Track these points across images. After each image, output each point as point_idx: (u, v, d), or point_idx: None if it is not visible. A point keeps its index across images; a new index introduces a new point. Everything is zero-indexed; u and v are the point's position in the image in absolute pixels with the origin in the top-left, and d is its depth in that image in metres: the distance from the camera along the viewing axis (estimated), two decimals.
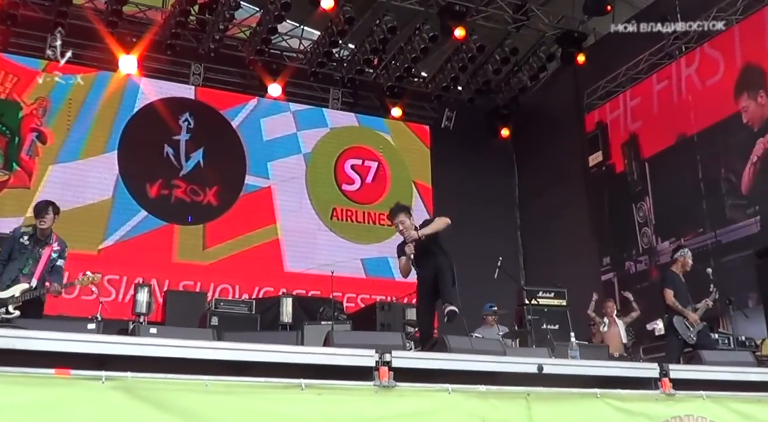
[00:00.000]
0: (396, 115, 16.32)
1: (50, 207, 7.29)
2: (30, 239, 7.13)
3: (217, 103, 15.00)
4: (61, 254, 7.24)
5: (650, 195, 14.01)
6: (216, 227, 14.18)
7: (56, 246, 7.21)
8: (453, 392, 4.99)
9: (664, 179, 13.78)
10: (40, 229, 7.14)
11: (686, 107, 13.46)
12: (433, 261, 7.16)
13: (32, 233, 7.16)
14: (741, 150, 12.36)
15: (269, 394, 4.46)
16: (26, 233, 7.18)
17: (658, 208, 13.84)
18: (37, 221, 7.16)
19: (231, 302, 11.07)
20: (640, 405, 5.63)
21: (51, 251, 7.12)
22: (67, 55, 12.94)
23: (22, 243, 7.08)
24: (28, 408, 3.88)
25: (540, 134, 16.50)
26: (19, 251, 7.05)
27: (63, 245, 7.34)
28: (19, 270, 6.95)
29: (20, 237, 7.13)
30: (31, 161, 13.17)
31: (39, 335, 4.21)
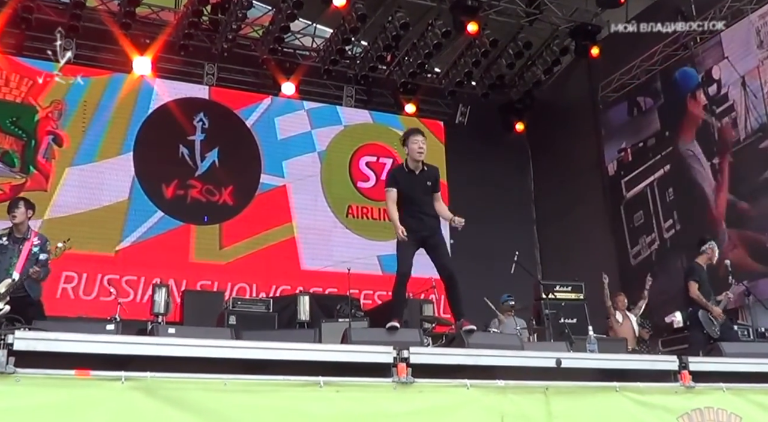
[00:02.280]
0: (410, 111, 16.31)
1: (21, 202, 7.41)
2: (8, 239, 7.18)
3: (231, 102, 15.03)
4: (42, 247, 7.24)
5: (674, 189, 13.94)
6: (232, 226, 14.22)
7: (36, 240, 7.24)
8: (471, 387, 5.00)
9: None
10: (15, 225, 7.20)
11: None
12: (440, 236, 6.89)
13: (9, 233, 7.23)
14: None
15: (288, 392, 4.49)
16: (3, 234, 7.24)
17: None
18: (9, 216, 7.23)
19: (248, 301, 11.10)
20: (660, 397, 5.63)
21: (31, 245, 7.16)
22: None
23: (2, 245, 7.14)
24: (49, 409, 3.92)
25: (555, 128, 16.44)
26: (2, 253, 7.10)
27: (43, 238, 7.37)
28: (5, 271, 6.97)
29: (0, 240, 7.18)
30: (48, 163, 13.24)
31: (59, 336, 4.26)
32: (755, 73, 12.51)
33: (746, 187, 12.47)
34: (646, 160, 14.55)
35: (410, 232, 6.68)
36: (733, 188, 12.74)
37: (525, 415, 5.11)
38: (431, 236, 6.75)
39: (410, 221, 6.75)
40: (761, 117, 12.32)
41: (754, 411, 5.81)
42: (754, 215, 12.25)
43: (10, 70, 13.32)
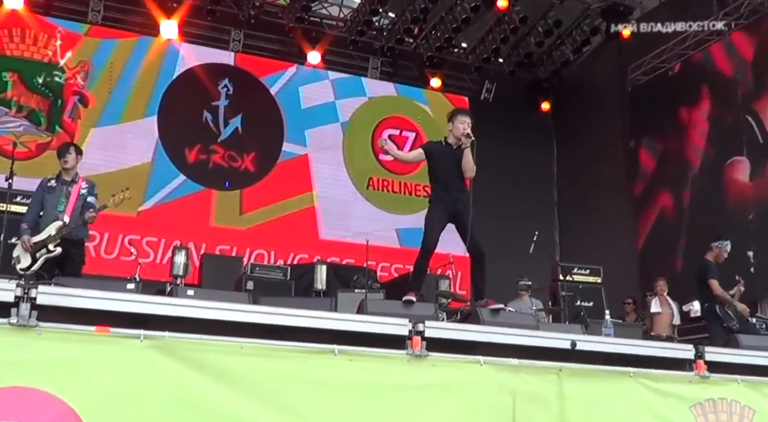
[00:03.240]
0: (435, 85, 16.24)
1: (72, 147, 7.48)
2: (57, 181, 7.24)
3: (256, 69, 15.03)
4: (90, 190, 7.31)
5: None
6: (253, 193, 14.27)
7: (84, 184, 7.31)
8: (485, 364, 5.02)
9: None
10: (65, 169, 7.25)
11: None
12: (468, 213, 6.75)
13: (58, 176, 7.28)
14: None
15: (303, 358, 4.53)
16: (52, 178, 7.28)
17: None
18: (61, 161, 7.27)
19: (266, 268, 11.15)
20: (674, 386, 5.62)
21: (80, 189, 7.22)
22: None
23: (50, 187, 7.19)
24: (69, 362, 3.98)
25: (581, 109, 16.30)
26: (50, 193, 7.15)
27: (91, 183, 7.43)
28: (55, 209, 7.05)
29: (47, 183, 7.24)
30: (73, 123, 13.33)
31: (81, 293, 4.31)
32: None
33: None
34: None
35: (441, 205, 6.73)
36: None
37: (537, 395, 5.12)
38: (462, 211, 6.70)
39: (442, 195, 6.80)
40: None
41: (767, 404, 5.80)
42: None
43: (38, 29, 13.37)
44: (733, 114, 13.11)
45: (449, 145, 6.95)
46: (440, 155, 6.93)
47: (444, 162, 6.88)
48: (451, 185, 6.81)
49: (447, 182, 6.83)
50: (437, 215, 6.73)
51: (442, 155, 6.91)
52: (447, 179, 6.83)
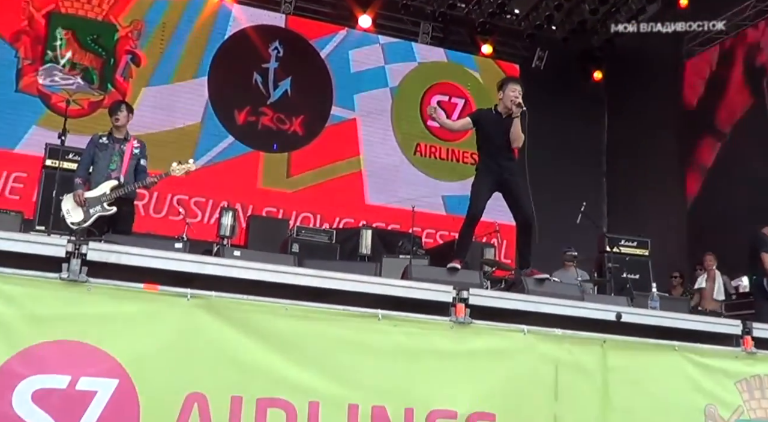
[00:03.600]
0: (486, 52, 16.06)
1: (123, 105, 7.49)
2: (108, 139, 7.26)
3: (307, 32, 15.00)
4: (142, 152, 7.33)
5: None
6: (300, 156, 14.33)
7: (136, 143, 7.33)
8: (528, 333, 5.00)
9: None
10: (116, 127, 7.28)
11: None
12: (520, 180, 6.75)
13: (109, 134, 7.31)
14: None
15: (346, 322, 4.55)
16: (103, 135, 7.31)
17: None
18: (112, 118, 7.30)
19: (312, 231, 11.19)
20: (719, 361, 5.55)
21: (132, 147, 7.24)
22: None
23: (102, 143, 7.21)
24: (117, 318, 4.05)
25: (634, 79, 16.00)
26: (102, 151, 7.18)
27: (143, 143, 7.45)
28: (107, 167, 7.10)
29: (99, 139, 7.26)
30: (125, 82, 13.47)
31: (130, 250, 4.37)
32: None
33: None
34: None
35: (488, 174, 6.70)
36: None
37: (580, 365, 5.10)
38: (510, 179, 6.69)
39: (489, 162, 6.77)
40: None
41: None
42: None
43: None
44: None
45: (499, 113, 6.89)
46: (489, 123, 6.87)
47: (493, 130, 6.82)
48: (499, 153, 6.76)
49: (495, 150, 6.78)
50: (484, 184, 6.71)
51: (491, 124, 6.85)
52: (495, 148, 6.78)
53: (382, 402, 4.53)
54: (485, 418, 4.78)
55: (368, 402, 4.50)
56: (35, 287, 3.94)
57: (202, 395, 4.12)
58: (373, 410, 4.49)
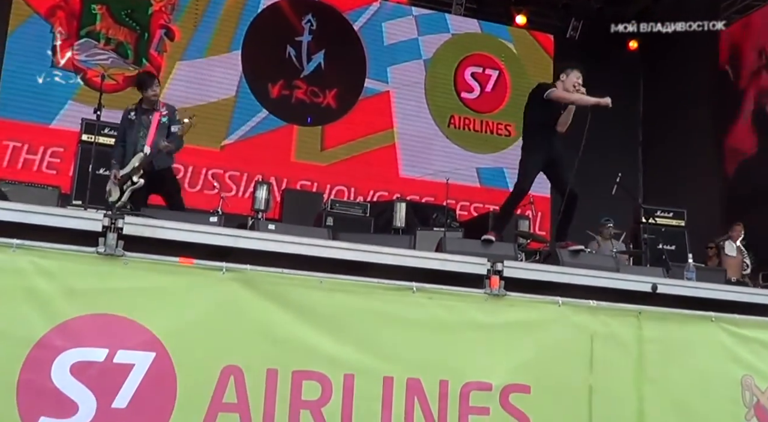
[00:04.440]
0: (520, 23, 15.86)
1: (156, 79, 7.49)
2: (136, 113, 7.25)
3: (340, 4, 14.92)
4: (171, 118, 7.26)
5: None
6: (334, 129, 14.32)
7: (164, 111, 7.27)
8: (563, 305, 5.00)
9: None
10: (146, 98, 7.27)
11: None
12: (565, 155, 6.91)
13: (137, 107, 7.30)
14: None
15: (381, 295, 4.57)
16: (131, 109, 7.31)
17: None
18: (148, 92, 7.25)
19: (346, 204, 11.22)
20: (756, 331, 5.52)
21: (160, 116, 7.20)
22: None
23: (130, 119, 7.22)
24: (153, 292, 4.10)
25: (671, 49, 15.73)
26: (131, 128, 7.19)
27: (171, 108, 7.39)
28: (137, 143, 7.08)
29: (128, 116, 7.26)
30: (160, 57, 13.52)
31: (165, 225, 4.41)
32: None
33: None
34: None
35: (540, 152, 6.79)
36: None
37: (616, 336, 5.09)
38: (557, 160, 6.84)
39: (542, 142, 6.85)
40: None
41: None
42: None
43: None
44: None
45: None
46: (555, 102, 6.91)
47: (555, 110, 6.90)
48: (553, 133, 6.91)
49: (550, 129, 6.90)
50: (534, 162, 6.80)
51: (555, 103, 6.92)
52: (551, 127, 6.89)
53: (417, 375, 4.57)
54: (520, 390, 4.80)
55: (403, 374, 4.53)
56: (73, 261, 4.00)
57: (237, 368, 4.18)
58: (408, 382, 4.53)
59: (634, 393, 5.09)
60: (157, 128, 7.16)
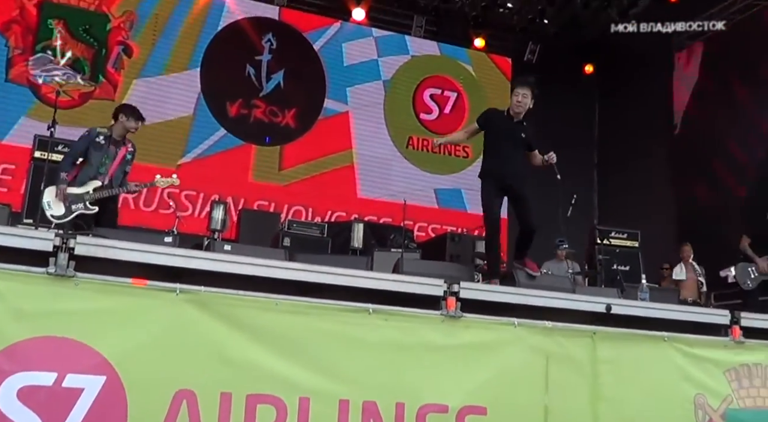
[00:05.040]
0: (478, 46, 16.04)
1: (142, 117, 7.54)
2: (106, 140, 7.21)
3: (301, 24, 14.95)
4: (131, 159, 7.36)
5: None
6: (293, 149, 14.30)
7: (130, 148, 7.34)
8: (519, 326, 5.00)
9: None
10: (125, 129, 7.28)
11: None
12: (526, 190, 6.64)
13: (109, 135, 7.26)
14: None
15: (338, 316, 4.54)
16: (102, 134, 7.25)
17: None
18: (129, 125, 7.30)
19: (303, 225, 11.18)
20: (708, 351, 5.58)
21: (126, 152, 7.24)
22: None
23: (98, 143, 7.16)
24: (105, 314, 4.02)
25: (625, 73, 16.01)
26: (97, 150, 7.14)
27: (135, 149, 7.47)
28: (97, 168, 7.08)
29: (96, 137, 7.20)
30: (117, 73, 13.41)
31: (118, 244, 4.34)
32: None
33: None
34: None
35: (491, 177, 6.50)
36: None
37: (571, 357, 5.11)
38: (516, 187, 6.53)
39: (492, 163, 6.55)
40: None
41: None
42: None
43: None
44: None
45: (510, 116, 6.63)
46: (497, 123, 6.62)
47: (499, 131, 6.60)
48: (502, 154, 6.55)
49: (499, 151, 6.56)
50: (491, 190, 6.52)
51: (500, 124, 6.62)
52: (499, 149, 6.57)
53: (373, 397, 4.53)
54: (476, 411, 4.78)
55: (359, 398, 4.49)
56: (22, 282, 3.91)
57: (191, 391, 4.11)
58: (364, 405, 4.49)
59: (590, 412, 5.11)
60: (119, 164, 7.13)
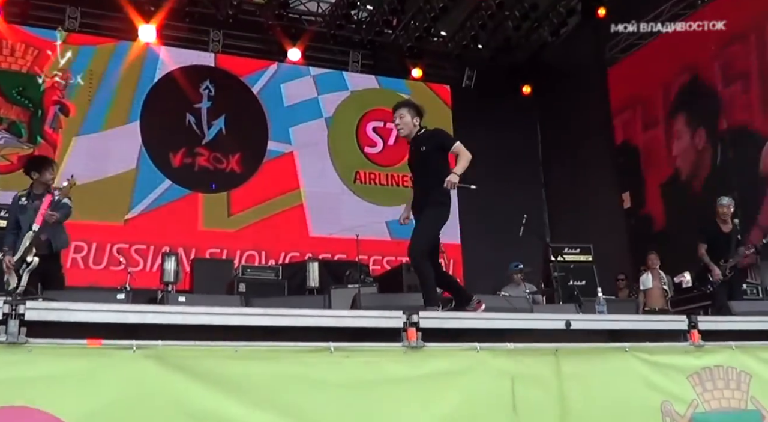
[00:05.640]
0: (416, 76, 16.23)
1: (54, 162, 7.46)
2: (28, 199, 7.12)
3: (237, 69, 14.98)
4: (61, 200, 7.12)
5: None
6: (240, 194, 14.24)
7: (56, 193, 7.11)
8: (481, 350, 5.00)
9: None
10: (40, 182, 7.15)
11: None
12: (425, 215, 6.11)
13: (29, 193, 7.17)
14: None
15: (299, 358, 4.49)
16: (23, 195, 7.18)
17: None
18: (43, 177, 7.15)
19: (258, 269, 11.13)
20: (669, 357, 5.62)
21: (52, 197, 7.04)
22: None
23: (22, 206, 7.09)
24: (61, 378, 3.93)
25: (562, 90, 16.33)
26: (22, 213, 7.04)
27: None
28: (29, 228, 6.92)
29: (18, 201, 7.13)
30: (55, 133, 13.26)
31: (70, 306, 4.25)
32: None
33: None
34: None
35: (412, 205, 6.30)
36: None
37: (535, 377, 5.12)
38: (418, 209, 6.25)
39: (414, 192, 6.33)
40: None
41: (763, 368, 5.81)
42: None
43: (15, 40, 13.30)
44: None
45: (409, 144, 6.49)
46: (409, 158, 6.43)
47: (409, 157, 6.45)
48: (413, 178, 6.39)
49: (412, 175, 6.39)
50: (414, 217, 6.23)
51: (410, 158, 6.41)
52: (412, 173, 6.42)
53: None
54: None
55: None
56: None
57: None
58: None
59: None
60: (47, 208, 7.00)
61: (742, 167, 12.30)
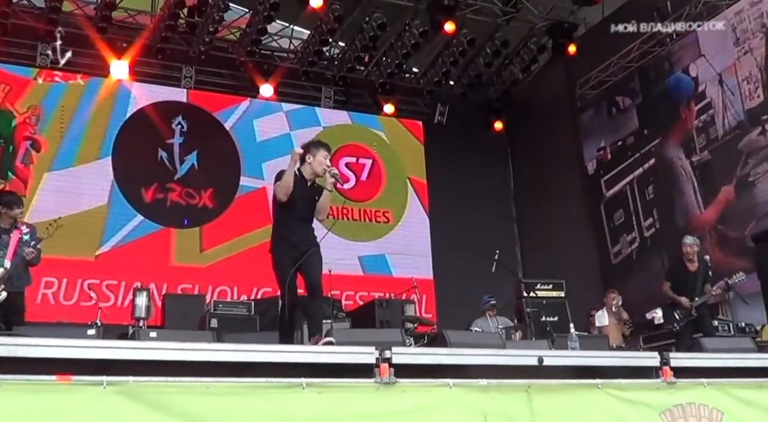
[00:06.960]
0: (389, 112, 16.32)
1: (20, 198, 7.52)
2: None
3: (210, 105, 14.98)
4: (32, 235, 7.23)
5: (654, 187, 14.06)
6: (212, 229, 14.18)
7: (25, 229, 7.19)
8: (454, 386, 5.00)
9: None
10: (8, 216, 7.19)
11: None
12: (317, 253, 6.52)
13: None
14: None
15: (270, 394, 4.47)
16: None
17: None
18: (10, 212, 7.20)
19: (230, 304, 11.06)
20: (642, 394, 5.64)
21: (20, 234, 7.04)
22: (67, 55, 12.94)
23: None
24: (30, 415, 3.88)
25: (533, 126, 16.52)
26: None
27: (32, 227, 7.37)
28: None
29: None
30: (26, 169, 13.16)
31: (40, 342, 4.21)
32: (732, 71, 12.60)
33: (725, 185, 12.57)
34: (625, 158, 14.64)
35: (289, 248, 6.48)
36: (710, 186, 12.85)
37: (508, 414, 5.11)
38: (310, 255, 6.46)
39: (289, 235, 6.54)
40: (738, 114, 12.43)
41: (735, 405, 5.84)
42: (733, 213, 12.36)
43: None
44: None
45: (303, 178, 6.52)
46: (295, 186, 6.39)
47: (299, 196, 6.47)
48: (302, 224, 6.58)
49: (296, 215, 6.53)
50: (290, 262, 6.45)
51: (298, 188, 6.43)
52: (296, 214, 6.53)
53: None
54: None
55: None
56: None
57: None
58: None
59: None
60: (17, 246, 6.96)
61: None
